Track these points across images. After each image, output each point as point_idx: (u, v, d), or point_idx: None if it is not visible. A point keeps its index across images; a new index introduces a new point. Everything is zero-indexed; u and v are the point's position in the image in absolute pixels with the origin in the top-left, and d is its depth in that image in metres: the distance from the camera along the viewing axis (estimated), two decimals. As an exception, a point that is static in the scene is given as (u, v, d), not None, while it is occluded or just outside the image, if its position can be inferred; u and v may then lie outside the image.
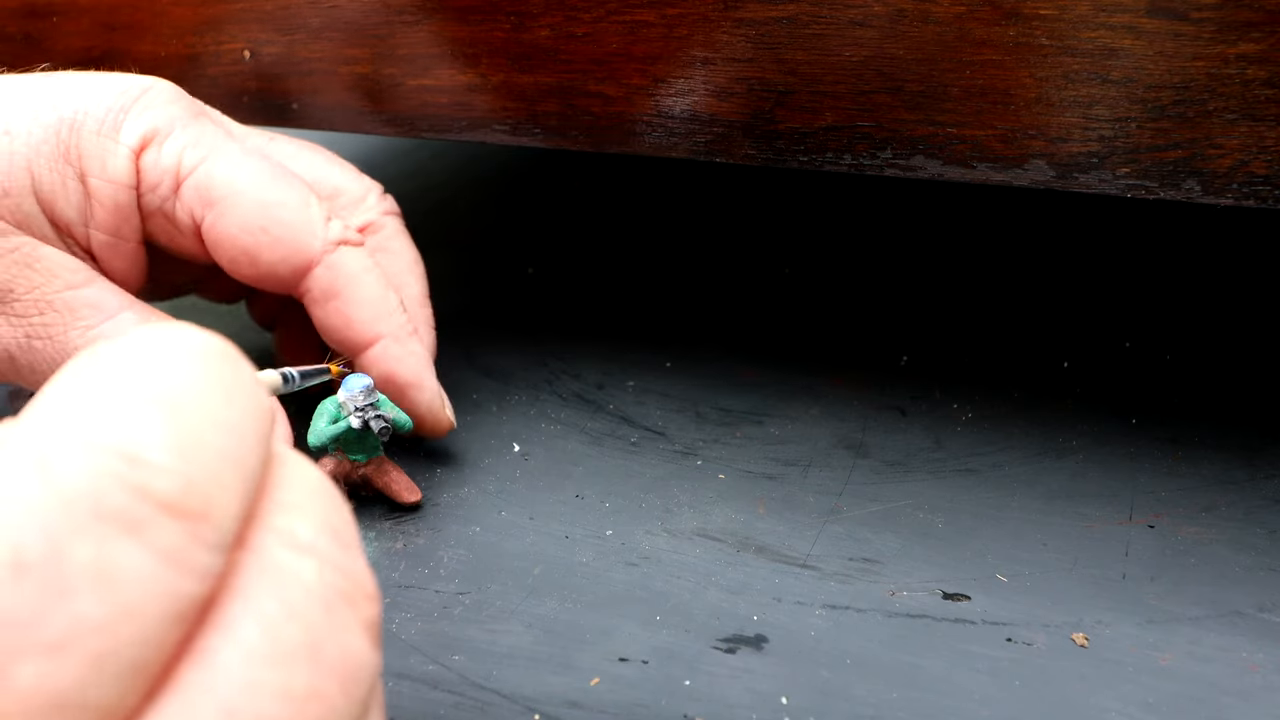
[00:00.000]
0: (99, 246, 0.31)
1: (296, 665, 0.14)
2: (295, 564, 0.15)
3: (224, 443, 0.14)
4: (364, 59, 0.35)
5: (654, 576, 0.30)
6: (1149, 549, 0.30)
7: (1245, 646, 0.27)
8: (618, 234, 0.54)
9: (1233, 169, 0.27)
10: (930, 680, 0.26)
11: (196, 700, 0.13)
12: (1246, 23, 0.25)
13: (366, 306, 0.32)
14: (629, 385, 0.39)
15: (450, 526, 0.32)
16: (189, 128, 0.31)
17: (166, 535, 0.13)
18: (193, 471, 0.13)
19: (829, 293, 0.46)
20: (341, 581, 0.15)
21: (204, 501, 0.13)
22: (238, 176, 0.31)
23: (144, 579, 0.13)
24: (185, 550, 0.13)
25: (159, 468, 0.13)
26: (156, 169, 0.30)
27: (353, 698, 0.14)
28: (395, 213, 0.37)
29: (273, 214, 0.31)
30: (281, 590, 0.14)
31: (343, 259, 0.32)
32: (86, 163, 0.30)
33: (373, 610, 0.15)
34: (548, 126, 0.34)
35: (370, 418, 0.31)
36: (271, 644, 0.14)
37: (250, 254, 0.31)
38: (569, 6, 0.31)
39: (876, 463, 0.35)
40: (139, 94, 0.31)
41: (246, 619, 0.14)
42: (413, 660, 0.27)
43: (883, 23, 0.28)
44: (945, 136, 0.29)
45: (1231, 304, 0.43)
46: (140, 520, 0.13)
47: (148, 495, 0.13)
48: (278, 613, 0.14)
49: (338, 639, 0.14)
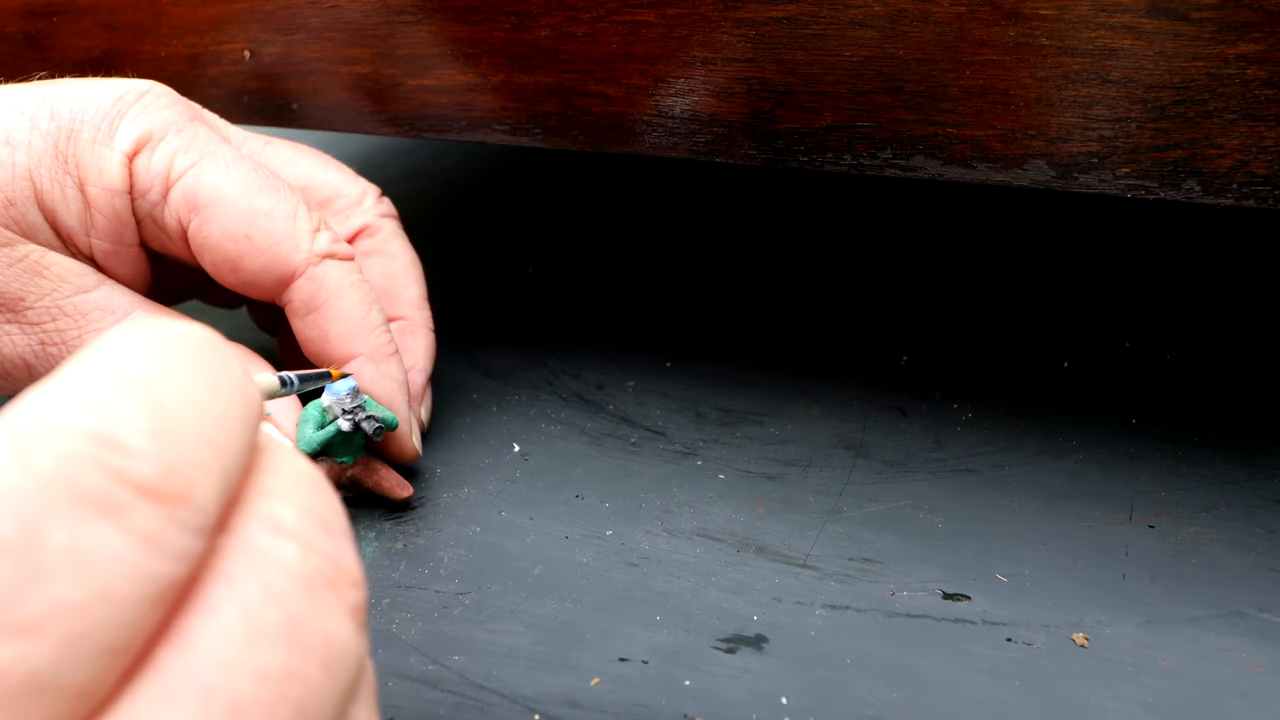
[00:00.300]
0: (101, 254, 0.31)
1: (275, 646, 0.14)
2: (277, 548, 0.15)
3: (204, 428, 0.14)
4: (364, 59, 0.35)
5: (654, 576, 0.30)
6: (1149, 549, 0.30)
7: (1245, 646, 0.27)
8: (618, 234, 0.54)
9: (1233, 169, 0.27)
10: (930, 680, 0.26)
11: (174, 682, 0.13)
12: (1246, 23, 0.25)
13: (346, 323, 0.32)
14: (629, 385, 0.39)
15: (450, 526, 0.32)
16: (183, 132, 0.31)
17: (144, 519, 0.13)
18: (171, 456, 0.13)
19: (829, 293, 0.46)
20: (325, 566, 0.15)
21: (183, 485, 0.13)
22: (225, 183, 0.31)
23: (120, 562, 0.13)
24: (163, 534, 0.13)
25: (137, 452, 0.13)
26: (148, 174, 0.31)
27: (336, 679, 0.15)
28: (393, 215, 0.37)
29: (258, 222, 0.31)
30: (261, 573, 0.14)
31: (326, 272, 0.31)
32: (84, 171, 0.30)
33: (357, 595, 0.16)
34: (548, 126, 0.34)
35: (361, 419, 0.31)
36: (249, 625, 0.14)
37: (232, 261, 0.31)
38: (569, 6, 0.31)
39: (876, 463, 0.35)
40: (135, 99, 0.31)
41: (226, 601, 0.14)
42: (412, 660, 0.27)
43: (883, 23, 0.28)
44: (945, 136, 0.29)
45: (1231, 304, 0.43)
46: (117, 504, 0.13)
47: (125, 479, 0.13)
48: (257, 595, 0.14)
49: (319, 622, 0.15)
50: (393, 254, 0.36)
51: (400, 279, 0.36)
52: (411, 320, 0.36)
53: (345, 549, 0.16)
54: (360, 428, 0.31)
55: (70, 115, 0.30)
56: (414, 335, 0.36)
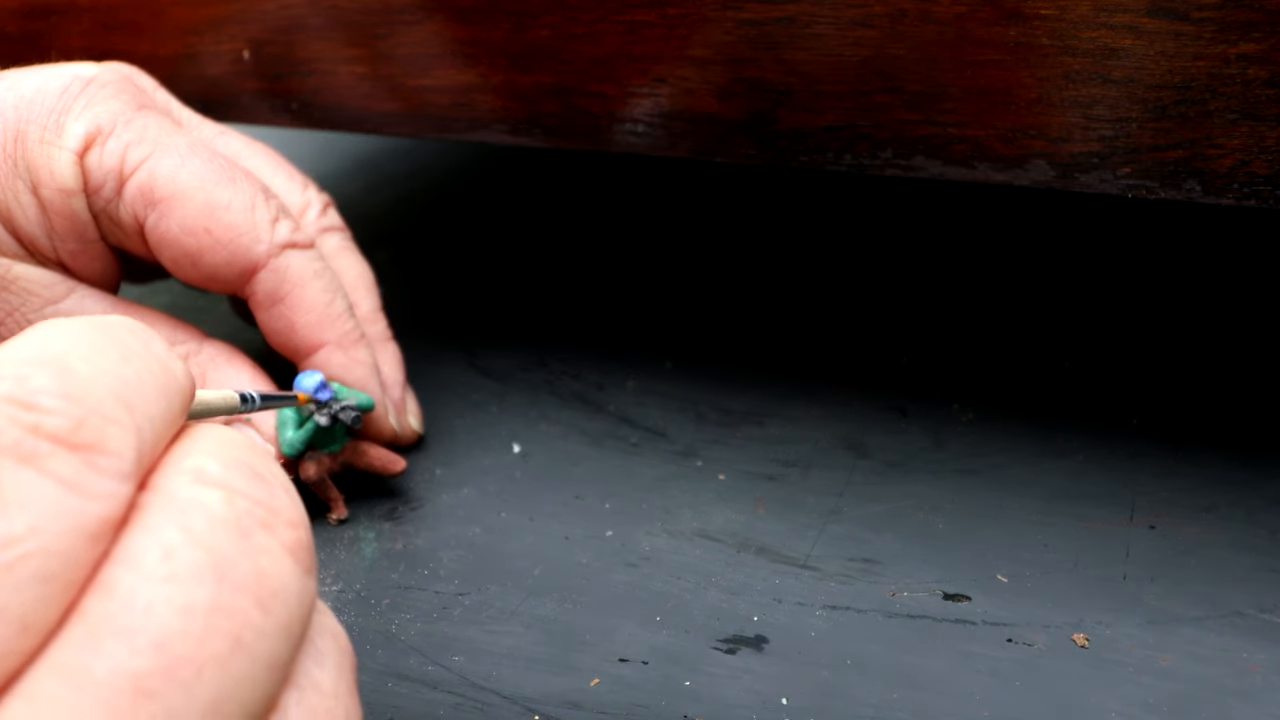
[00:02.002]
0: (68, 255, 0.31)
1: (198, 584, 0.14)
2: (200, 495, 0.15)
3: (115, 389, 0.15)
4: (364, 59, 0.35)
5: (654, 577, 0.30)
6: (1149, 549, 0.30)
7: (1245, 646, 0.27)
8: (618, 234, 0.54)
9: (1233, 169, 0.27)
10: (930, 680, 0.26)
11: (97, 624, 0.14)
12: (1247, 23, 0.25)
13: (310, 313, 0.31)
14: (629, 385, 0.39)
15: (450, 527, 0.32)
16: (132, 123, 0.30)
17: (62, 464, 0.14)
18: (81, 412, 0.14)
19: (829, 292, 0.46)
20: (255, 509, 0.16)
21: (95, 436, 0.14)
22: (181, 175, 0.30)
23: (46, 500, 0.14)
24: (83, 477, 0.14)
25: (49, 409, 0.14)
26: (100, 169, 0.30)
27: (273, 614, 0.15)
28: (338, 227, 0.36)
29: (216, 215, 0.30)
30: (182, 518, 0.15)
31: (288, 263, 0.31)
32: (36, 174, 0.29)
33: (295, 534, 0.16)
34: (548, 126, 0.34)
35: (336, 410, 0.31)
36: (169, 565, 0.14)
37: (192, 256, 0.30)
38: (569, 6, 0.31)
39: (876, 463, 0.35)
40: (79, 90, 0.30)
41: (146, 547, 0.14)
42: (412, 661, 0.27)
43: (883, 23, 0.28)
44: (946, 136, 0.29)
45: (1231, 304, 0.43)
46: (35, 452, 0.14)
47: (40, 431, 0.14)
48: (177, 538, 0.15)
49: (252, 560, 0.15)
50: (340, 270, 0.35)
51: (350, 295, 0.34)
52: (369, 334, 0.35)
53: (280, 494, 0.17)
54: (338, 419, 0.31)
55: (15, 116, 0.29)
56: (378, 347, 0.35)
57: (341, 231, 0.36)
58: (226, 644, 0.14)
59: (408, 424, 0.35)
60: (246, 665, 0.14)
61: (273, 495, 0.16)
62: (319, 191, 0.36)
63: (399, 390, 0.35)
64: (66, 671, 0.13)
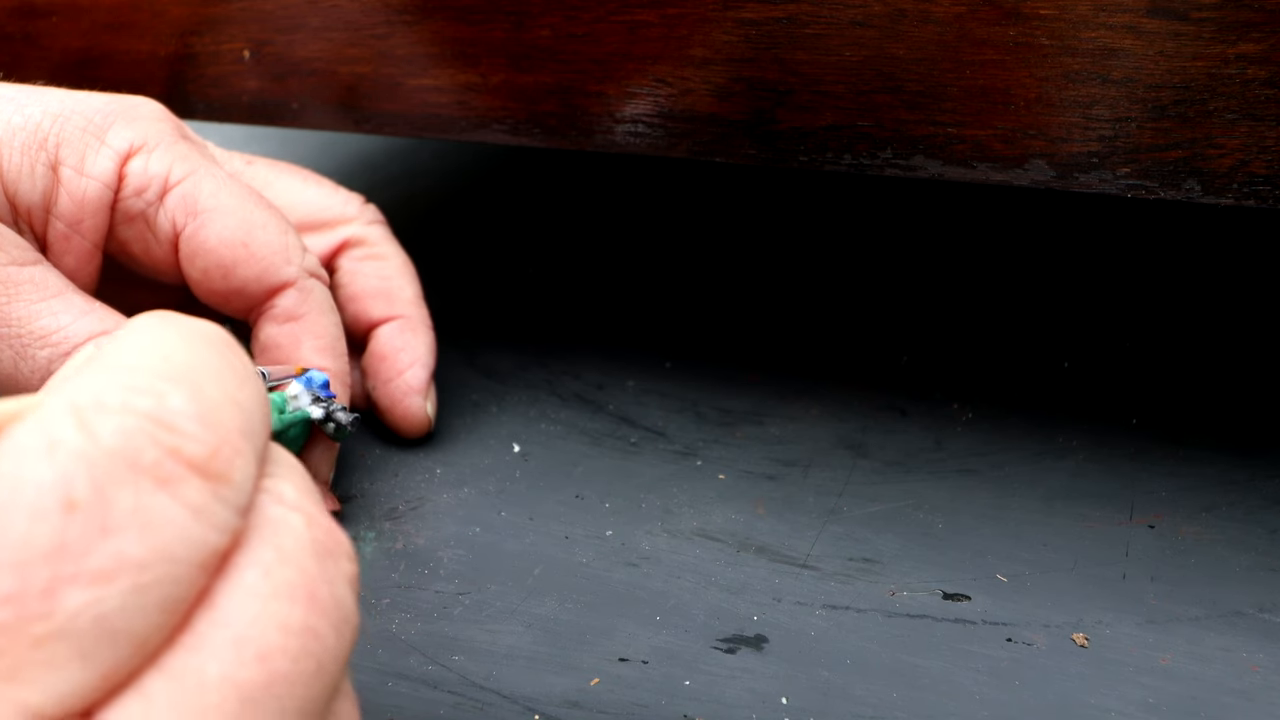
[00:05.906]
0: (55, 236, 0.31)
1: (294, 603, 0.15)
2: (286, 518, 0.16)
3: (240, 418, 0.16)
4: (364, 59, 0.35)
5: (654, 576, 0.30)
6: (1149, 549, 0.30)
7: (1245, 646, 0.27)
8: (618, 234, 0.54)
9: (1233, 169, 0.27)
10: (930, 680, 0.26)
11: (209, 635, 0.15)
12: (1246, 23, 0.25)
13: (321, 338, 0.33)
14: (629, 385, 0.39)
15: (450, 526, 0.32)
16: (176, 145, 0.32)
17: (194, 492, 0.15)
18: (216, 440, 0.15)
19: (829, 293, 0.46)
20: (325, 538, 0.17)
21: (225, 466, 0.15)
22: (222, 194, 0.32)
23: (176, 526, 0.14)
24: (210, 506, 0.15)
25: (187, 434, 0.15)
26: (144, 175, 0.31)
27: (344, 641, 0.16)
28: (379, 221, 0.38)
29: (254, 232, 0.32)
30: (276, 539, 0.16)
31: (313, 287, 0.33)
32: (63, 152, 0.30)
33: (353, 568, 0.17)
34: (548, 126, 0.34)
35: (334, 409, 0.31)
36: (270, 583, 0.15)
37: (226, 267, 0.31)
38: (569, 6, 0.31)
39: (876, 463, 0.35)
40: (128, 107, 0.32)
41: (248, 565, 0.15)
42: (412, 660, 0.27)
43: (883, 23, 0.28)
44: (945, 136, 0.29)
45: (1231, 304, 0.43)
46: (171, 476, 0.14)
47: (179, 456, 0.15)
48: (274, 558, 0.15)
49: (329, 586, 0.16)
50: (386, 257, 0.37)
51: (395, 280, 0.37)
52: (411, 319, 0.36)
53: (336, 525, 0.17)
54: (333, 417, 0.31)
55: (61, 107, 0.31)
56: (414, 333, 0.36)
57: (383, 224, 0.38)
58: (313, 665, 0.15)
59: (426, 410, 0.36)
60: (320, 687, 0.15)
61: (332, 525, 0.17)
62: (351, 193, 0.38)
63: (426, 373, 0.36)
64: (180, 676, 0.14)
